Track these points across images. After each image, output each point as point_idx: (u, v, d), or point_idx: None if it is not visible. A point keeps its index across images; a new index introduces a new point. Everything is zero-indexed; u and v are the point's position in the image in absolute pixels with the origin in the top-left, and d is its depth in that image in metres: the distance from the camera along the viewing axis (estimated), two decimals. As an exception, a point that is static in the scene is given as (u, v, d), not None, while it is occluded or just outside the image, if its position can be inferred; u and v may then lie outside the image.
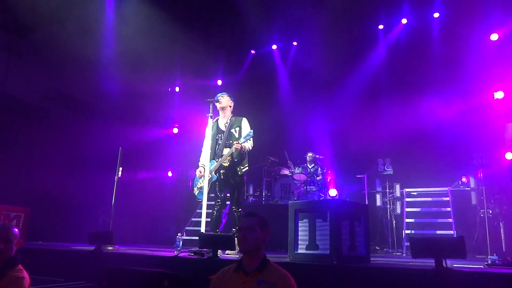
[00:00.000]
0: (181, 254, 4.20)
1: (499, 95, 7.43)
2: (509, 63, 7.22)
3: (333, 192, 7.89)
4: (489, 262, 4.03)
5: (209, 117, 5.02)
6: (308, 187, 7.99)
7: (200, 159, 5.34)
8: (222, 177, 5.09)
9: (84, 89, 8.81)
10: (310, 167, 8.35)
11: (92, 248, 4.64)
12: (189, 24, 8.66)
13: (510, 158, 6.82)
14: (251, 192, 9.39)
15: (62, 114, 8.75)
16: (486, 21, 7.81)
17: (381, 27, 9.46)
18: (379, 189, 8.28)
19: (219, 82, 10.70)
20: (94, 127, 8.76)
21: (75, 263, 4.53)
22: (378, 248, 7.52)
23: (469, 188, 7.19)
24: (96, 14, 8.05)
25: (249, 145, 5.05)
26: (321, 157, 8.46)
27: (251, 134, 4.92)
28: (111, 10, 8.41)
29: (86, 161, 8.34)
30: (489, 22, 7.82)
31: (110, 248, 4.95)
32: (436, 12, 8.73)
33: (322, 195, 7.92)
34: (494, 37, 7.87)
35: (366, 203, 7.66)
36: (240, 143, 4.92)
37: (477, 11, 7.81)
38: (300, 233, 4.02)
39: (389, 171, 8.18)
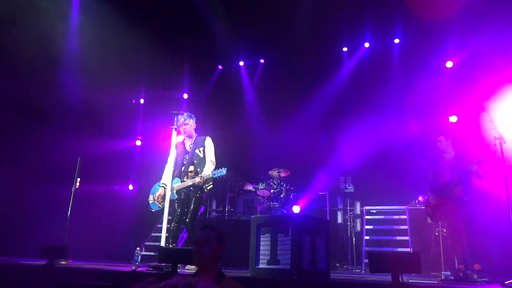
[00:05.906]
0: (139, 269, 4.06)
1: (453, 119, 7.86)
2: (463, 89, 7.65)
3: (296, 209, 7.95)
4: (442, 277, 4.18)
5: (174, 130, 4.97)
6: (271, 203, 8.00)
7: (162, 177, 5.29)
8: (182, 196, 5.08)
9: (41, 97, 8.40)
10: (274, 183, 8.39)
11: (43, 262, 4.39)
12: (156, 36, 8.56)
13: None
14: (214, 207, 9.28)
15: (15, 121, 8.27)
16: (442, 50, 8.31)
17: (345, 49, 9.80)
18: (340, 206, 8.43)
19: (185, 96, 10.63)
20: (50, 136, 8.28)
21: (24, 278, 4.25)
22: (338, 265, 7.59)
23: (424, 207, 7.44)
24: (58, 20, 7.75)
25: (211, 169, 5.00)
26: (285, 172, 8.52)
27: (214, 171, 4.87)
28: (75, 17, 8.16)
29: (39, 172, 7.87)
30: (444, 51, 8.32)
31: (63, 262, 4.72)
32: (397, 38, 9.17)
33: (285, 211, 7.95)
34: (449, 64, 8.38)
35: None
36: (202, 176, 4.86)
37: (434, 40, 8.32)
38: (261, 247, 4.00)
39: (350, 189, 8.35)
